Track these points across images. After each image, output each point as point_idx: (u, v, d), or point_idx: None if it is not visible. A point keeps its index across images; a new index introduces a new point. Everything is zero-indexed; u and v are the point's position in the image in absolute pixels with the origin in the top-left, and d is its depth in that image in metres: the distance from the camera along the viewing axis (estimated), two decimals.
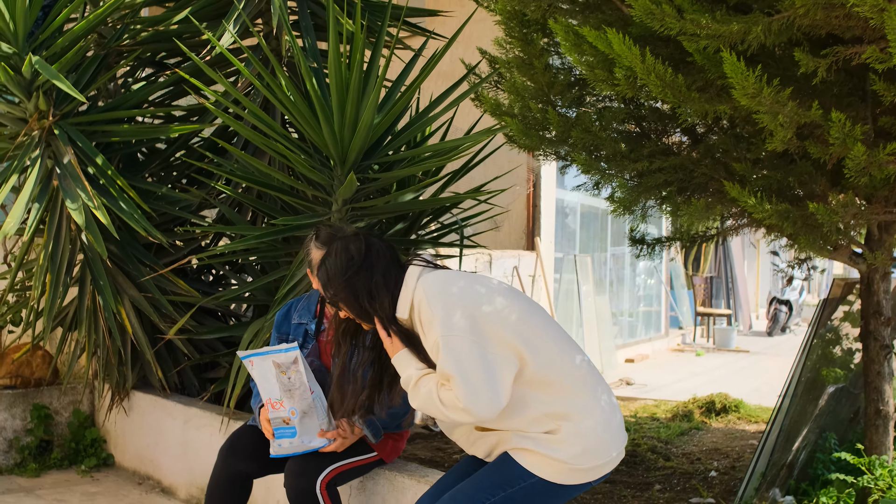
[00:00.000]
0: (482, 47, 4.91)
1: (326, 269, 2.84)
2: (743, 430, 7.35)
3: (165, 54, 5.21)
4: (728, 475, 5.69)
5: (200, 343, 5.02)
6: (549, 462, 2.61)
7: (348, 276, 2.79)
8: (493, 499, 2.63)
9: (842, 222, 3.19)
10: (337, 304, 2.84)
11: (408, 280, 2.79)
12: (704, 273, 17.39)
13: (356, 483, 3.67)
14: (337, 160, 4.12)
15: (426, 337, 2.68)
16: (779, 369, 11.52)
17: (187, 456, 4.73)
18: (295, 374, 3.30)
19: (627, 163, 3.75)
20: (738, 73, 2.78)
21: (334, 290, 2.81)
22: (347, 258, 2.82)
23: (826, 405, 5.19)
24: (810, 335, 4.76)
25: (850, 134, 2.83)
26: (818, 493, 4.69)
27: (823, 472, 4.94)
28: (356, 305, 2.79)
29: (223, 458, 3.48)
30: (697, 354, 13.57)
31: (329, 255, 2.86)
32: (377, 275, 2.78)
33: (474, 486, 2.68)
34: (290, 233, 4.23)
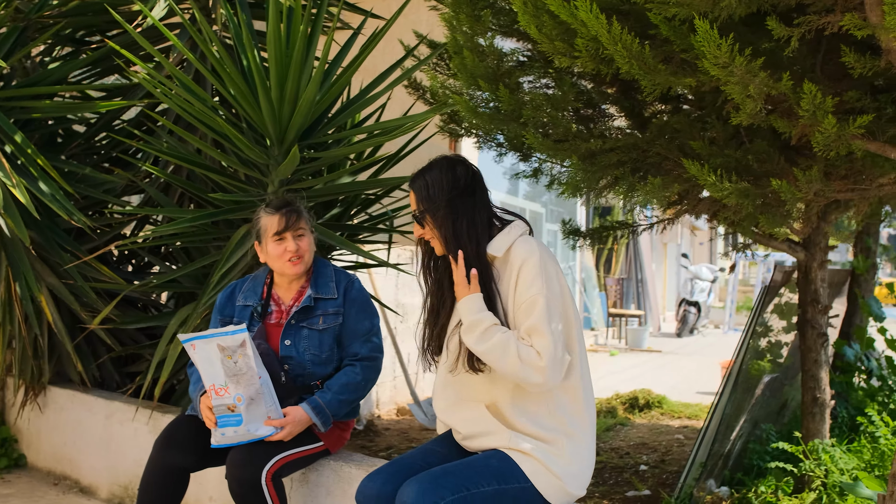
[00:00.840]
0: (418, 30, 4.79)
1: (427, 184, 2.79)
2: (668, 426, 7.38)
3: (84, 32, 4.94)
4: (658, 468, 5.66)
5: (122, 334, 4.75)
6: (544, 472, 2.62)
7: (452, 197, 2.76)
8: (487, 488, 2.56)
9: (804, 200, 3.15)
10: (425, 221, 2.79)
11: (514, 227, 2.80)
12: (616, 274, 17.57)
13: (298, 475, 3.49)
14: (274, 139, 3.93)
15: (514, 289, 2.66)
16: (692, 368, 11.70)
17: (110, 453, 4.45)
18: (242, 358, 3.11)
19: (579, 142, 3.66)
20: (711, 41, 2.70)
21: (434, 207, 2.76)
22: (454, 178, 2.80)
23: (761, 396, 5.21)
24: (751, 323, 4.75)
25: (821, 106, 2.78)
26: (755, 482, 4.69)
27: (758, 462, 4.95)
28: (450, 228, 2.74)
29: (159, 451, 3.26)
30: (612, 354, 13.68)
31: (432, 170, 2.82)
32: (479, 205, 2.78)
33: (470, 469, 2.59)
34: (227, 214, 4.02)
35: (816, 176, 3.07)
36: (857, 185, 3.17)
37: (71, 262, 4.26)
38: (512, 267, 2.68)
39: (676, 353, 14.06)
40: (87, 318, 4.40)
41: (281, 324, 3.41)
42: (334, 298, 3.41)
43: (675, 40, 2.98)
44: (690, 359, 13.09)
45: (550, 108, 3.71)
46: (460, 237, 2.72)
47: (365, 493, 2.69)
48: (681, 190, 3.47)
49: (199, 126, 3.98)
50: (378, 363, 3.42)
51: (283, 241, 3.35)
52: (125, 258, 5.10)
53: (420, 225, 2.80)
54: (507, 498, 2.57)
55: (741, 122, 3.00)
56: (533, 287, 2.62)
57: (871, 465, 4.55)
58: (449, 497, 2.49)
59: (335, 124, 4.18)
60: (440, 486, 2.51)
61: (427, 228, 2.79)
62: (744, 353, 4.64)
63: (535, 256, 2.66)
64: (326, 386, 3.32)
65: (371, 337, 3.43)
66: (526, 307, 2.62)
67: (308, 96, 3.71)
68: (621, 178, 3.63)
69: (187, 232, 4.18)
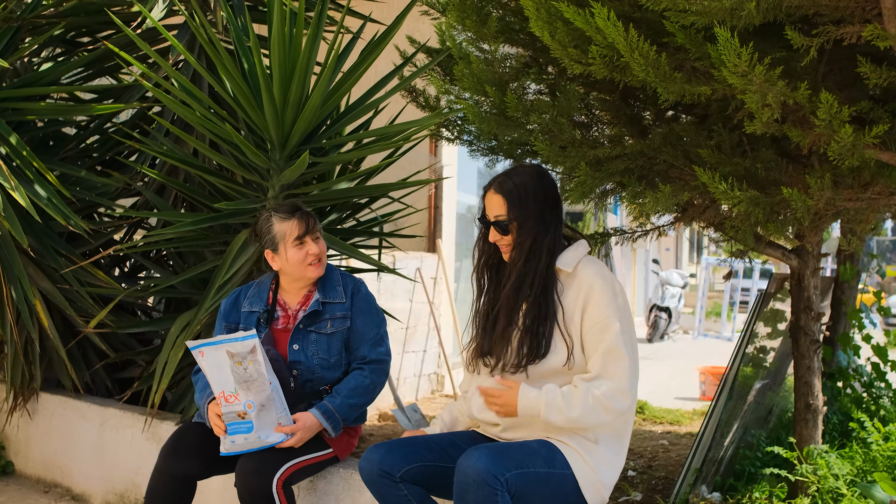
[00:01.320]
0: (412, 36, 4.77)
1: (519, 190, 2.82)
2: (651, 431, 7.40)
3: (75, 33, 4.87)
4: (647, 474, 5.67)
5: (113, 340, 4.68)
6: (582, 463, 2.70)
7: (543, 207, 2.82)
8: (540, 469, 2.62)
9: (814, 208, 3.17)
10: (511, 227, 2.80)
11: (581, 244, 2.89)
12: None
13: (305, 483, 3.46)
14: (276, 143, 3.90)
15: (581, 308, 2.73)
16: (668, 374, 11.74)
17: (104, 461, 4.38)
18: (252, 364, 3.07)
19: (586, 149, 3.66)
20: (732, 50, 2.71)
21: (525, 215, 2.79)
22: (545, 188, 2.88)
23: (753, 402, 5.24)
24: (747, 329, 4.78)
25: (837, 116, 2.80)
26: (749, 488, 4.71)
27: (749, 467, 4.97)
28: (535, 239, 2.78)
29: (166, 459, 3.22)
30: None
31: (521, 176, 2.87)
32: (560, 219, 2.88)
33: (525, 449, 2.65)
34: (231, 219, 3.98)
35: (828, 184, 3.09)
36: (865, 194, 3.20)
37: (66, 266, 4.19)
38: (580, 284, 2.76)
39: (650, 359, 14.11)
40: (81, 323, 4.33)
41: (288, 329, 3.37)
42: (342, 302, 3.39)
43: (690, 48, 2.99)
44: (665, 364, 13.13)
45: (556, 114, 3.71)
46: (542, 250, 2.78)
47: (369, 459, 2.76)
48: (690, 198, 3.48)
49: (198, 127, 3.94)
50: (386, 366, 3.40)
51: (305, 244, 3.33)
52: (114, 262, 5.03)
53: (501, 231, 2.81)
54: (552, 482, 2.62)
55: (755, 130, 3.02)
56: (609, 309, 2.70)
57: (863, 470, 4.58)
58: (512, 470, 2.54)
59: (336, 130, 4.15)
60: (506, 457, 2.56)
61: (507, 236, 2.81)
62: (739, 360, 4.66)
63: (606, 278, 2.76)
64: (335, 390, 3.30)
65: (379, 341, 3.42)
66: (600, 329, 2.69)
67: (314, 101, 3.68)
68: (628, 184, 3.63)
69: (186, 236, 4.13)
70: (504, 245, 2.85)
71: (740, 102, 3.31)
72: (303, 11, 3.69)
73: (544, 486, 2.62)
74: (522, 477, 2.56)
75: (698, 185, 3.50)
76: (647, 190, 3.49)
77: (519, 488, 2.55)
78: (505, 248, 2.86)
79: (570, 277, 2.79)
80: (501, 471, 2.51)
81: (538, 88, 4.27)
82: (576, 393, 2.66)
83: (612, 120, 4.21)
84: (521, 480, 2.56)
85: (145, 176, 4.56)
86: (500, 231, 2.82)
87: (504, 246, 2.85)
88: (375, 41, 4.12)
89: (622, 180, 3.68)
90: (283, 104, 3.77)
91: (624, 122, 4.17)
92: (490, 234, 2.86)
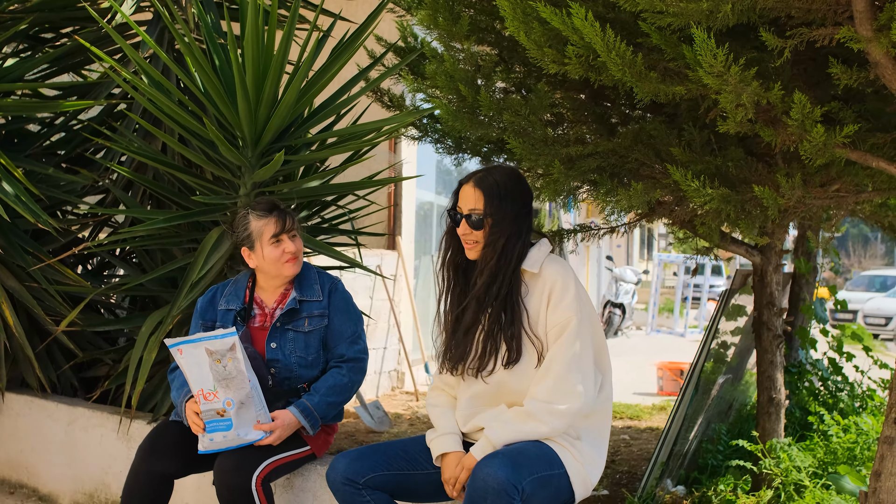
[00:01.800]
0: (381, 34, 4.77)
1: (500, 188, 2.82)
2: (612, 426, 7.47)
3: (39, 29, 4.81)
4: (610, 468, 5.74)
5: (79, 339, 4.63)
6: (573, 460, 2.74)
7: (519, 210, 2.84)
8: (545, 472, 2.66)
9: (785, 206, 3.24)
10: (485, 223, 2.80)
11: (544, 243, 2.89)
12: None
13: (281, 481, 3.46)
14: (249, 140, 3.89)
15: (546, 306, 2.77)
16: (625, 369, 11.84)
17: (73, 461, 4.34)
18: (232, 361, 3.07)
19: (559, 147, 3.71)
20: (708, 50, 2.77)
21: (502, 214, 2.79)
22: (523, 191, 2.90)
23: (716, 396, 5.33)
24: (713, 325, 4.86)
25: (810, 116, 2.87)
26: (713, 481, 4.79)
27: (711, 461, 5.06)
28: (505, 240, 2.78)
29: (142, 458, 3.20)
30: None
31: (501, 175, 2.87)
32: (531, 225, 2.89)
33: (529, 454, 2.67)
34: (200, 216, 3.96)
35: (798, 183, 3.16)
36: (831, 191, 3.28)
37: (34, 264, 4.14)
38: (544, 283, 2.78)
39: None
40: (49, 323, 4.29)
41: (265, 327, 3.38)
42: (319, 300, 3.39)
43: (665, 49, 3.05)
44: (621, 360, 13.23)
45: (529, 112, 3.75)
46: (513, 252, 2.79)
47: (335, 467, 2.81)
48: (661, 195, 3.53)
49: (169, 123, 3.91)
50: (364, 365, 3.41)
51: (281, 242, 3.32)
52: (78, 261, 4.97)
53: (473, 226, 2.81)
54: (552, 483, 2.67)
55: (728, 130, 3.08)
56: (562, 308, 2.75)
57: (824, 462, 4.69)
58: (528, 478, 2.59)
59: (307, 128, 4.15)
60: (521, 466, 2.60)
61: (478, 231, 2.81)
62: (704, 355, 4.74)
63: (569, 278, 2.79)
64: (313, 388, 3.30)
65: (357, 339, 3.43)
66: (559, 328, 2.74)
67: (289, 98, 3.68)
68: (600, 183, 3.68)
69: (156, 234, 4.11)
70: (470, 241, 2.83)
71: (712, 102, 3.37)
72: (275, 10, 3.69)
73: (547, 488, 2.67)
74: (534, 483, 2.61)
75: (669, 182, 3.56)
76: (620, 188, 3.55)
77: (529, 494, 2.59)
78: (470, 245, 2.83)
79: (535, 278, 2.82)
80: (520, 479, 2.56)
81: (503, 87, 4.31)
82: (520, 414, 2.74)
83: (580, 119, 4.26)
84: (532, 487, 2.61)
85: (113, 173, 4.52)
86: (472, 226, 2.80)
87: (470, 242, 2.83)
88: (349, 39, 4.13)
89: (594, 178, 3.73)
90: (257, 101, 3.77)
91: (592, 121, 4.22)
92: (460, 226, 2.84)
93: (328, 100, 4.30)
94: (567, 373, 2.70)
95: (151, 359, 3.87)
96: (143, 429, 4.02)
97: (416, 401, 8.20)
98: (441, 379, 3.06)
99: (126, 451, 4.07)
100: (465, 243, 2.85)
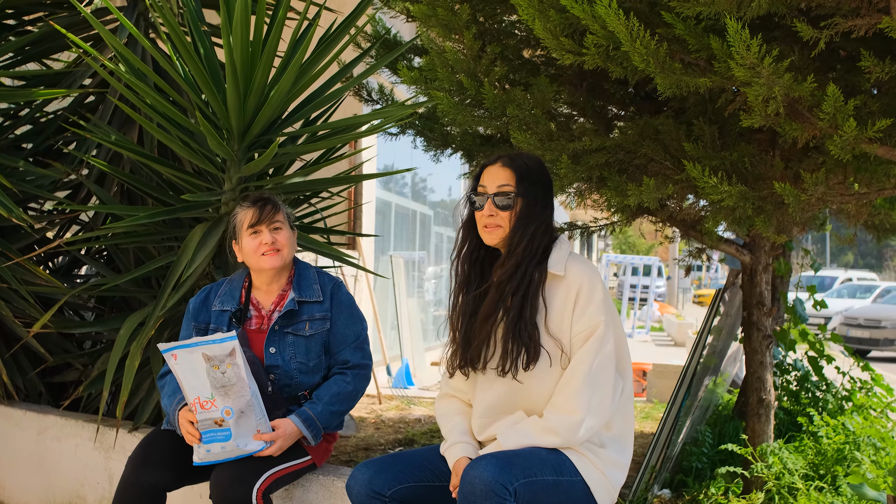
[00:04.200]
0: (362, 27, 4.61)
1: (531, 169, 2.69)
2: None
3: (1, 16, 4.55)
4: None
5: (48, 343, 4.36)
6: (592, 468, 2.60)
7: (548, 201, 2.70)
8: (548, 477, 2.50)
9: (808, 202, 3.14)
10: (516, 202, 2.65)
11: (564, 241, 2.72)
12: None
13: (280, 493, 3.27)
14: (236, 132, 3.69)
15: (574, 309, 2.61)
16: None
17: (43, 472, 4.08)
18: (231, 367, 2.88)
19: (565, 142, 3.58)
20: (741, 41, 2.65)
21: (533, 192, 2.66)
22: (549, 181, 2.73)
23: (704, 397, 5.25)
24: (706, 326, 4.77)
25: (842, 109, 2.77)
26: (703, 484, 4.70)
27: (697, 463, 4.98)
28: (532, 223, 2.64)
29: (133, 470, 2.98)
30: None
31: (531, 160, 2.73)
32: (553, 220, 2.74)
33: (532, 458, 2.52)
34: (184, 213, 3.75)
35: (822, 179, 3.07)
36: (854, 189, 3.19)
37: (2, 263, 3.88)
38: (569, 286, 2.63)
39: None
40: (18, 325, 4.03)
41: (262, 330, 3.18)
42: (320, 302, 3.21)
43: (689, 40, 2.93)
44: None
45: (532, 106, 3.62)
46: (538, 243, 2.63)
47: (358, 478, 2.63)
48: (675, 191, 3.42)
49: (150, 112, 3.70)
50: (368, 371, 3.23)
51: (259, 234, 3.13)
52: (43, 260, 4.70)
53: (501, 206, 2.64)
54: (560, 490, 2.52)
55: (753, 123, 2.97)
56: (588, 314, 2.61)
57: (814, 464, 4.63)
58: (521, 479, 2.42)
59: (296, 120, 3.96)
60: (513, 466, 2.43)
61: (507, 212, 2.64)
62: (698, 356, 4.65)
63: (595, 279, 2.64)
64: (316, 396, 3.12)
65: (361, 343, 3.25)
66: (586, 334, 2.60)
67: (283, 87, 3.49)
68: (608, 178, 3.55)
69: (135, 231, 3.88)
70: (492, 224, 2.65)
71: (731, 96, 3.27)
72: None
73: (553, 494, 2.51)
74: (530, 486, 2.45)
75: (681, 178, 3.45)
76: (630, 184, 3.42)
77: (527, 498, 2.43)
78: (491, 228, 2.65)
79: (559, 280, 2.65)
80: (510, 480, 2.39)
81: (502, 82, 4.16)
82: (537, 424, 2.61)
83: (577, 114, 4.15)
84: (530, 490, 2.44)
85: (85, 167, 4.27)
86: (500, 206, 2.64)
87: (492, 225, 2.65)
88: (338, 28, 3.95)
89: (602, 174, 3.60)
90: (246, 91, 3.57)
91: (590, 116, 4.10)
92: (485, 207, 2.66)
93: (315, 93, 4.11)
94: (591, 384, 2.56)
95: (135, 365, 3.63)
96: (122, 438, 3.79)
97: (378, 403, 8.01)
98: (450, 384, 2.89)
99: (104, 462, 3.85)
100: (485, 228, 2.67)
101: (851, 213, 3.61)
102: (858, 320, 17.94)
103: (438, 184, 14.43)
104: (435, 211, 14.13)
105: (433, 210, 13.99)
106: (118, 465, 3.81)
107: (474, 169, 5.00)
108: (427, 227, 13.59)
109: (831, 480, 4.48)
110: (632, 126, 3.72)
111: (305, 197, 4.42)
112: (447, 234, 14.75)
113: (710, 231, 4.00)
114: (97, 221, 4.32)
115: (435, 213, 14.13)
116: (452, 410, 2.86)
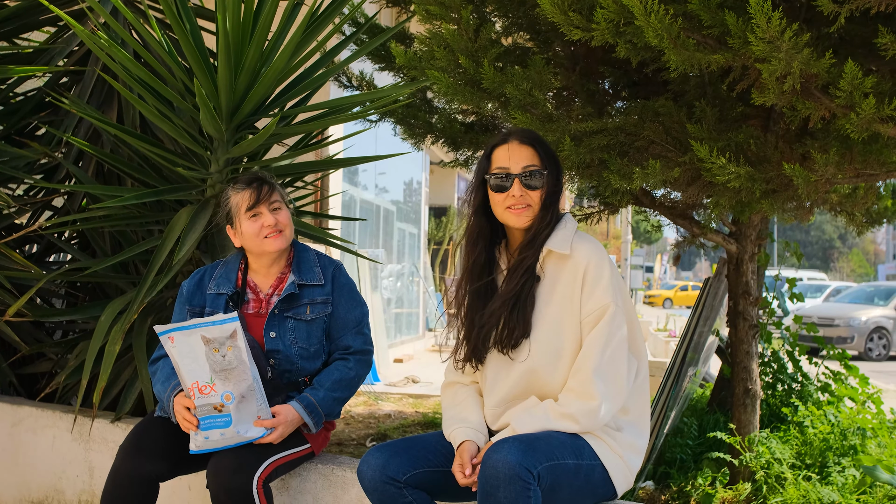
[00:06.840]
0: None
1: (545, 143, 2.63)
2: None
3: None
4: None
5: (19, 331, 4.18)
6: (610, 452, 2.54)
7: (560, 175, 2.65)
8: (569, 461, 2.42)
9: (818, 183, 3.10)
10: (544, 182, 2.59)
11: (569, 219, 2.63)
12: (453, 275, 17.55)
13: (276, 482, 3.15)
14: (225, 112, 3.56)
15: (581, 290, 2.52)
16: None
17: (18, 466, 3.90)
18: (232, 350, 2.76)
19: (564, 122, 3.50)
20: (763, 14, 2.60)
21: (556, 171, 2.63)
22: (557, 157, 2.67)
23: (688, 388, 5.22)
24: (695, 317, 4.73)
25: (860, 87, 2.73)
26: (688, 475, 4.67)
27: (680, 454, 4.94)
28: (554, 197, 2.58)
29: (126, 459, 2.84)
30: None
31: (538, 134, 2.66)
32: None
33: (553, 441, 2.43)
34: (171, 194, 3.61)
35: (834, 159, 3.02)
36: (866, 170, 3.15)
37: None
38: (576, 265, 2.54)
39: None
40: None
41: (261, 314, 3.06)
42: (321, 285, 3.09)
43: (703, 16, 2.87)
44: None
45: (530, 86, 3.54)
46: (556, 211, 2.60)
47: (371, 464, 2.52)
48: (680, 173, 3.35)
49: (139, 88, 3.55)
50: (370, 357, 3.13)
51: (260, 216, 3.00)
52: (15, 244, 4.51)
53: (531, 184, 2.56)
54: (580, 474, 2.44)
55: (766, 101, 2.92)
56: (596, 295, 2.52)
57: (800, 453, 4.61)
58: (544, 463, 2.34)
59: (286, 101, 3.84)
60: (536, 450, 2.35)
61: (536, 192, 2.57)
62: (686, 347, 4.61)
63: (602, 257, 2.55)
64: (317, 382, 3.00)
65: (362, 328, 3.14)
66: (595, 317, 2.52)
67: (278, 65, 3.37)
68: (610, 161, 3.48)
69: (117, 215, 3.73)
70: (523, 204, 2.56)
71: (739, 74, 3.22)
72: None
73: (574, 478, 2.43)
74: (553, 470, 2.37)
75: (685, 160, 3.39)
76: (635, 166, 3.35)
77: (550, 482, 2.35)
78: (520, 209, 2.56)
79: (564, 259, 2.56)
80: (533, 464, 2.31)
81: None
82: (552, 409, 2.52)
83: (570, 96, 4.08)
84: (552, 474, 2.36)
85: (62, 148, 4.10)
86: (530, 185, 2.57)
87: (522, 206, 2.56)
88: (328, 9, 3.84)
89: (603, 156, 3.53)
90: (237, 69, 3.45)
91: (584, 98, 4.04)
92: (513, 187, 2.56)
93: (301, 75, 3.99)
94: (606, 368, 2.48)
95: (115, 351, 3.48)
96: (105, 429, 3.64)
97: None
98: (455, 375, 2.82)
99: (83, 454, 3.69)
100: (512, 210, 2.57)
101: (859, 196, 3.57)
102: (812, 319, 18.13)
103: (398, 180, 14.33)
104: (398, 207, 14.02)
105: (395, 206, 13.87)
106: (99, 457, 3.66)
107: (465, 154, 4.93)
108: (390, 223, 13.47)
109: (818, 470, 4.46)
110: (632, 109, 3.66)
111: (289, 181, 4.30)
112: (408, 231, 14.65)
113: (706, 218, 3.96)
114: (73, 205, 4.15)
115: (398, 209, 14.02)
116: (456, 401, 2.78)
